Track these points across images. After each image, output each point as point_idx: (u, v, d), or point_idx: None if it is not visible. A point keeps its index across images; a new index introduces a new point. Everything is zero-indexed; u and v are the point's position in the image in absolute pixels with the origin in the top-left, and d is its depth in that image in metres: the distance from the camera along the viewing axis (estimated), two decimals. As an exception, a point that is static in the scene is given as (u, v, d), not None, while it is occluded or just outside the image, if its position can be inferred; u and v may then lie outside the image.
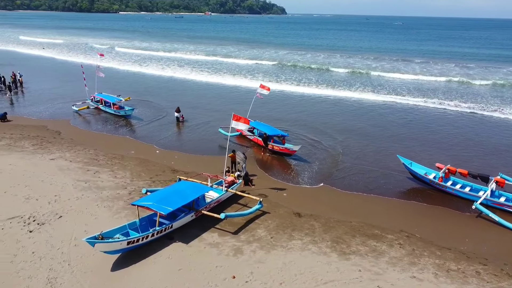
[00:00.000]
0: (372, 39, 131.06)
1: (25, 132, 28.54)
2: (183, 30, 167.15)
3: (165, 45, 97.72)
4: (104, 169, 22.12)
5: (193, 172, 22.20)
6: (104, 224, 16.01)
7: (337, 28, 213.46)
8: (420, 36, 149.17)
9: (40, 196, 18.32)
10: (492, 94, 45.42)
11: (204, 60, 72.46)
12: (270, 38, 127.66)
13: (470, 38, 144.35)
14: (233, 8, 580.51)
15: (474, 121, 34.12)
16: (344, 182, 21.40)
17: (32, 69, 56.51)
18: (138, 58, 73.71)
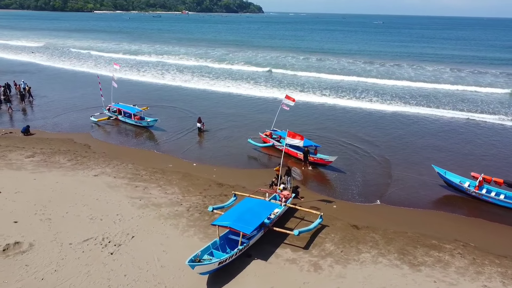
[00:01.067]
0: (367, 40, 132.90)
1: (54, 147, 28.41)
2: (168, 31, 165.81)
3: (157, 48, 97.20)
4: (151, 185, 22.45)
5: (238, 186, 22.89)
6: (177, 243, 16.51)
7: (322, 28, 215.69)
8: (405, 36, 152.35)
9: (103, 216, 18.58)
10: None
11: (211, 67, 70.29)
12: (260, 40, 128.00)
13: (457, 38, 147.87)
14: (210, 6, 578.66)
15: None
16: (395, 198, 22.14)
17: (30, 77, 55.28)
18: (134, 63, 73.09)
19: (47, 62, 71.95)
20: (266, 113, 38.90)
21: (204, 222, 18.52)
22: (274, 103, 42.88)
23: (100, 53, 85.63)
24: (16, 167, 24.28)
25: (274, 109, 39.23)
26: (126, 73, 60.62)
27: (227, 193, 21.80)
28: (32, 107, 40.36)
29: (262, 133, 31.26)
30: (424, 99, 46.28)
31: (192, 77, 59.17)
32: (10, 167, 24.28)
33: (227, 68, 67.30)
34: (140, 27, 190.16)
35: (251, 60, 76.72)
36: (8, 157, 25.93)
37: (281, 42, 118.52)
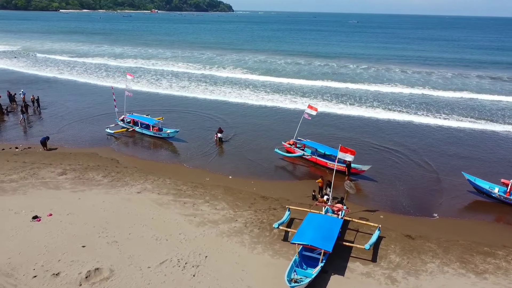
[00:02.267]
0: (354, 42, 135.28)
1: (82, 162, 28.04)
2: (145, 32, 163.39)
3: (141, 51, 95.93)
4: (198, 201, 22.68)
5: (282, 198, 23.51)
6: (251, 261, 16.95)
7: (304, 28, 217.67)
8: (390, 38, 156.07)
9: (167, 236, 18.74)
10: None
11: (214, 75, 66.98)
12: (244, 42, 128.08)
13: (437, 39, 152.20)
14: (179, 5, 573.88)
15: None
16: (435, 206, 23.21)
17: (26, 86, 53.58)
18: (127, 70, 71.73)
19: (30, 69, 69.43)
20: (283, 122, 39.58)
21: (267, 238, 18.98)
22: (284, 112, 43.63)
23: (85, 59, 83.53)
24: (53, 186, 23.88)
25: (287, 118, 40.14)
26: (121, 82, 59.59)
27: (275, 207, 22.32)
28: (41, 118, 39.19)
29: (285, 142, 31.76)
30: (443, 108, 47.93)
31: (190, 83, 58.97)
32: (47, 186, 23.86)
33: (227, 76, 66.68)
34: (115, 28, 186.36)
35: (251, 66, 76.80)
36: (40, 175, 25.43)
37: (266, 45, 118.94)
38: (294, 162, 29.99)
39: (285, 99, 48.82)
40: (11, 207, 20.96)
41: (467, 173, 25.14)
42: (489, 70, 73.95)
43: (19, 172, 25.75)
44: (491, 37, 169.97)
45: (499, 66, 78.41)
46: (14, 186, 23.59)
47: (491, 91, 53.99)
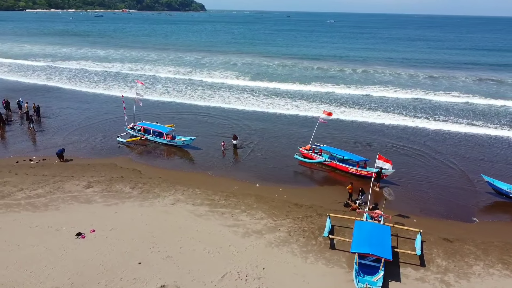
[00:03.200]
0: (338, 42, 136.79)
1: (104, 174, 27.70)
2: (123, 32, 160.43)
3: (126, 54, 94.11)
4: (235, 211, 22.89)
5: (315, 205, 24.03)
6: (308, 271, 17.35)
7: (282, 28, 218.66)
8: (377, 39, 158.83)
9: (217, 248, 18.91)
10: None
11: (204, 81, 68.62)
12: (228, 44, 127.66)
13: (419, 39, 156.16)
14: (150, 4, 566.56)
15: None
16: (461, 208, 24.28)
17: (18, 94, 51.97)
18: (116, 74, 70.35)
19: (15, 76, 67.24)
20: (292, 127, 40.16)
21: (315, 247, 19.42)
22: (292, 118, 44.20)
23: (69, 63, 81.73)
24: (84, 200, 23.55)
25: (296, 123, 40.68)
26: (115, 88, 58.71)
27: (311, 214, 22.80)
28: (41, 127, 38.22)
29: (301, 148, 32.28)
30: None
31: (186, 88, 58.72)
32: (78, 200, 23.52)
33: (223, 82, 65.66)
34: (90, 29, 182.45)
35: (242, 70, 76.80)
36: (66, 189, 25.01)
37: (251, 47, 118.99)
38: (313, 168, 30.52)
39: (285, 104, 49.37)
40: (49, 224, 20.59)
41: (486, 175, 26.28)
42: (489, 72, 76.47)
43: (43, 186, 25.21)
44: (468, 36, 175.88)
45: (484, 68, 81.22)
46: (44, 202, 23.12)
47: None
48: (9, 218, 21.16)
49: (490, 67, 79.79)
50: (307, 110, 46.06)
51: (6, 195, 23.87)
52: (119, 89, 56.84)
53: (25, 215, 21.47)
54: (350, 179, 27.67)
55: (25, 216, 21.41)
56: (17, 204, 22.74)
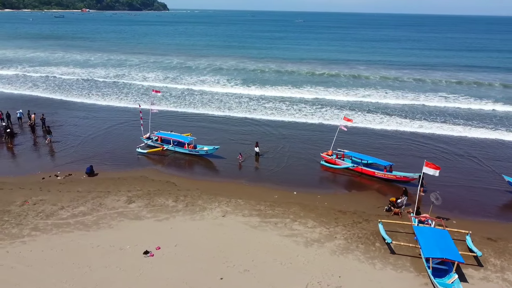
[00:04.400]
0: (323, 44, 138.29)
1: (140, 187, 27.55)
2: (96, 35, 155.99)
3: (109, 58, 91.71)
4: (285, 220, 23.53)
5: (358, 211, 25.03)
6: (383, 278, 18.22)
7: (258, 29, 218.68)
8: (361, 41, 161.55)
9: (287, 259, 19.49)
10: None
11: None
12: (209, 46, 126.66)
13: (399, 40, 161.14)
14: (111, 4, 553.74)
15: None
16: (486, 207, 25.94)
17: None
18: (105, 81, 68.68)
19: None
20: (306, 134, 40.97)
21: (377, 253, 20.40)
22: (304, 125, 45.01)
23: (51, 68, 79.24)
24: (133, 216, 23.46)
25: (313, 129, 41.59)
26: (109, 96, 57.59)
27: (358, 220, 23.79)
28: (51, 140, 37.18)
29: (323, 153, 33.27)
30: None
31: (182, 94, 58.22)
32: (127, 217, 23.40)
33: (216, 91, 65.66)
34: (56, 30, 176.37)
35: (230, 73, 76.55)
36: (109, 205, 24.76)
37: (231, 50, 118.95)
38: (336, 173, 31.57)
39: (289, 109, 50.12)
40: (109, 243, 20.45)
41: (507, 176, 28.19)
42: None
43: (84, 203, 24.84)
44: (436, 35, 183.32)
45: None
46: (92, 220, 22.84)
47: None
48: (65, 239, 20.81)
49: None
50: (320, 117, 47.04)
51: (49, 214, 23.34)
52: (116, 96, 55.86)
53: (80, 235, 21.18)
54: (377, 183, 28.95)
55: (80, 236, 21.12)
56: (66, 223, 22.33)
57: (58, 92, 58.42)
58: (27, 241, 20.59)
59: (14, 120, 41.59)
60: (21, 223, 22.36)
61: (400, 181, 29.28)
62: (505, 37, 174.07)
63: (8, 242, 20.45)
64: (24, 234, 21.17)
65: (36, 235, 21.11)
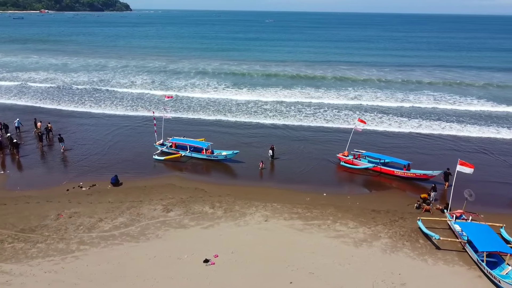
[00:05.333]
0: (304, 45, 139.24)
1: (172, 195, 27.43)
2: (65, 38, 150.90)
3: (82, 62, 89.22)
4: (327, 222, 24.24)
5: (392, 210, 26.11)
6: (437, 273, 19.25)
7: (232, 30, 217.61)
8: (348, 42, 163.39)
9: (344, 260, 20.16)
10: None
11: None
12: (186, 47, 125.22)
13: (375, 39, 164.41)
14: (71, 4, 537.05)
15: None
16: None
17: None
18: (87, 87, 66.82)
19: None
20: (320, 135, 41.66)
21: (423, 249, 21.44)
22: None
23: (28, 74, 76.39)
24: (177, 225, 23.48)
25: (322, 131, 42.42)
26: (102, 105, 56.33)
27: (394, 219, 24.79)
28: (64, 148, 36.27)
29: (339, 154, 34.27)
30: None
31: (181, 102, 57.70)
32: (171, 226, 23.40)
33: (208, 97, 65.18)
34: (20, 33, 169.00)
35: (219, 76, 76.20)
36: (148, 215, 24.61)
37: (213, 53, 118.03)
38: (356, 173, 32.51)
39: (289, 111, 50.94)
40: (164, 253, 20.48)
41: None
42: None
43: (121, 214, 24.58)
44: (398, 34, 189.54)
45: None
46: (137, 231, 22.68)
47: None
48: (116, 251, 20.60)
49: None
50: (322, 119, 47.99)
51: (90, 227, 22.95)
52: (110, 102, 54.81)
53: (131, 247, 21.01)
54: (396, 182, 30.21)
55: (132, 247, 20.96)
56: (111, 236, 22.07)
57: (48, 99, 56.40)
58: (79, 255, 20.22)
59: (12, 130, 39.93)
60: (64, 237, 21.86)
61: (419, 179, 30.50)
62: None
63: (60, 257, 19.99)
64: (73, 249, 20.73)
65: (86, 249, 20.72)
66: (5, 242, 21.27)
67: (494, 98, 57.29)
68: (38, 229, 22.64)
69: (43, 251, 20.55)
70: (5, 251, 20.47)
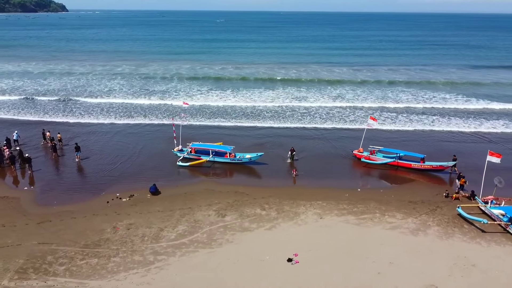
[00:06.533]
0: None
1: (218, 200, 27.79)
2: (11, 42, 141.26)
3: (43, 68, 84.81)
4: (376, 215, 25.93)
5: (426, 201, 28.33)
6: (495, 254, 21.45)
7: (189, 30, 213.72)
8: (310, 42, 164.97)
9: (414, 247, 21.99)
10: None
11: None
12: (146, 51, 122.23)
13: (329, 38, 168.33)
14: (0, 6, 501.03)
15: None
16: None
17: None
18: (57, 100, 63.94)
19: None
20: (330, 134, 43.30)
21: (472, 234, 23.78)
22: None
23: None
24: (241, 229, 24.10)
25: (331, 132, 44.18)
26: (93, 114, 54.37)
27: (433, 208, 27.04)
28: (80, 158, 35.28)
29: (355, 151, 36.36)
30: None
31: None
32: (235, 230, 23.98)
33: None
34: None
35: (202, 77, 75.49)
36: (206, 221, 24.95)
37: (181, 55, 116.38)
38: (374, 168, 34.66)
39: (285, 114, 52.15)
40: (245, 256, 21.13)
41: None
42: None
43: (178, 222, 24.77)
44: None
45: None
46: (205, 237, 23.07)
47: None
48: (197, 259, 20.97)
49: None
50: (313, 121, 49.78)
51: (155, 237, 22.98)
52: (99, 110, 53.07)
53: (208, 253, 21.42)
54: (413, 174, 32.77)
55: (209, 254, 21.37)
56: (182, 244, 22.31)
57: (31, 110, 53.44)
58: (161, 266, 20.35)
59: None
60: (135, 249, 21.77)
61: (436, 170, 33.16)
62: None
63: (143, 269, 20.01)
64: (151, 260, 20.78)
65: (164, 259, 20.84)
66: (76, 259, 20.77)
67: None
68: (103, 243, 22.26)
69: (121, 264, 20.36)
70: (82, 268, 20.04)
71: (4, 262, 20.46)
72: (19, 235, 23.08)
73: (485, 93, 62.31)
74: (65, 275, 19.46)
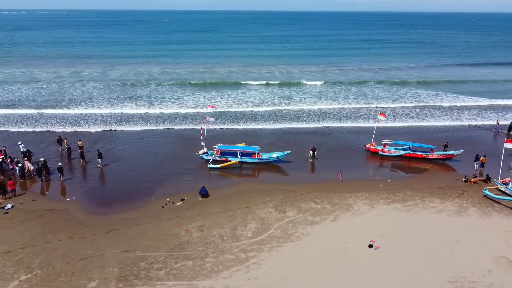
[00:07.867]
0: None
1: (270, 197, 29.01)
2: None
3: (16, 74, 79.70)
4: (416, 201, 28.74)
5: (451, 186, 31.68)
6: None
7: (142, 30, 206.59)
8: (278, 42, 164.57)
9: (463, 229, 24.88)
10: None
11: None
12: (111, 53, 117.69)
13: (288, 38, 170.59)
14: None
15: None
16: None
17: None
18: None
19: None
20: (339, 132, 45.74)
21: (506, 211, 27.17)
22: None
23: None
24: (309, 222, 25.60)
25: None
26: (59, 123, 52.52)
27: (460, 191, 30.34)
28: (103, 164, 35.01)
29: (368, 145, 39.34)
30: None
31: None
32: (304, 224, 25.44)
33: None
34: None
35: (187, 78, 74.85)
36: (270, 218, 26.03)
37: (147, 58, 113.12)
38: (387, 160, 37.74)
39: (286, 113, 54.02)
40: (330, 247, 22.75)
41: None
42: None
43: (245, 221, 25.67)
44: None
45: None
46: (280, 232, 24.31)
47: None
48: (286, 252, 22.15)
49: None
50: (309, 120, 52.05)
51: (233, 237, 23.82)
52: (94, 118, 51.59)
53: (293, 246, 22.69)
54: (425, 163, 36.26)
55: (295, 247, 22.63)
56: (263, 240, 23.35)
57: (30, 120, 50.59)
58: (257, 261, 21.32)
59: (18, 155, 36.35)
60: (222, 249, 22.58)
61: (446, 159, 36.88)
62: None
63: (242, 266, 20.90)
64: (244, 257, 21.68)
65: (256, 256, 21.86)
66: (170, 263, 21.25)
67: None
68: (186, 246, 22.84)
69: (218, 264, 21.17)
70: (182, 271, 20.62)
71: (99, 273, 20.39)
72: (94, 246, 22.91)
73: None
74: (169, 279, 19.92)
